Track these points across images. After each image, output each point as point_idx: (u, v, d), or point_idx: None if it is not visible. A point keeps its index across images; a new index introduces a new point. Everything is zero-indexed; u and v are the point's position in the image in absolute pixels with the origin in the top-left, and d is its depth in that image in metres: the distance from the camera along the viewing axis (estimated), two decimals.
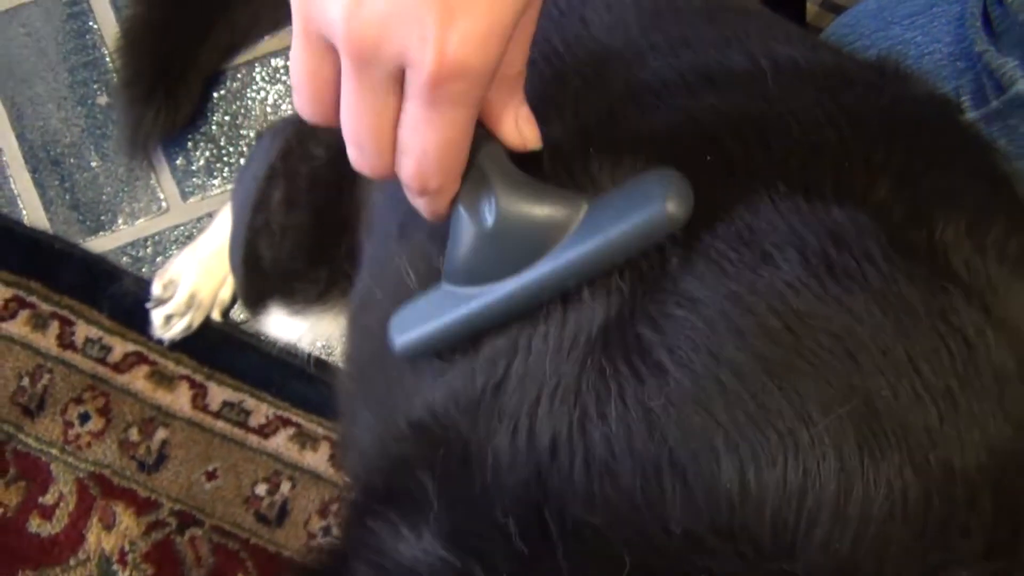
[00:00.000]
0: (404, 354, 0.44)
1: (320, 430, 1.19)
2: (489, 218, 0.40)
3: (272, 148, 0.83)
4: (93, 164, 1.21)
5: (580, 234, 0.39)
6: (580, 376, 0.38)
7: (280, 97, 1.22)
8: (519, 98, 0.40)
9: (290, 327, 0.89)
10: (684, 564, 0.34)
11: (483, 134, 0.41)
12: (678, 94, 0.46)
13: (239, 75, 1.22)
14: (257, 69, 1.22)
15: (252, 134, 1.22)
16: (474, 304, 0.41)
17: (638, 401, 0.35)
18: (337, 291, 0.83)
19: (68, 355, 1.18)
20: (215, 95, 1.22)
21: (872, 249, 0.37)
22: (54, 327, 1.18)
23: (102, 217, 1.21)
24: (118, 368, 1.19)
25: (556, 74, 0.51)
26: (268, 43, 1.22)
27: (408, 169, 0.38)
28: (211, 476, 1.18)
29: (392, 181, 0.41)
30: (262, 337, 1.19)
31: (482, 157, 0.40)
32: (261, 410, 1.20)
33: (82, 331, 1.19)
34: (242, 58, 1.22)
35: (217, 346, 1.20)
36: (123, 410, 1.18)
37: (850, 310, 0.35)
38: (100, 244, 1.21)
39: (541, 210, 0.40)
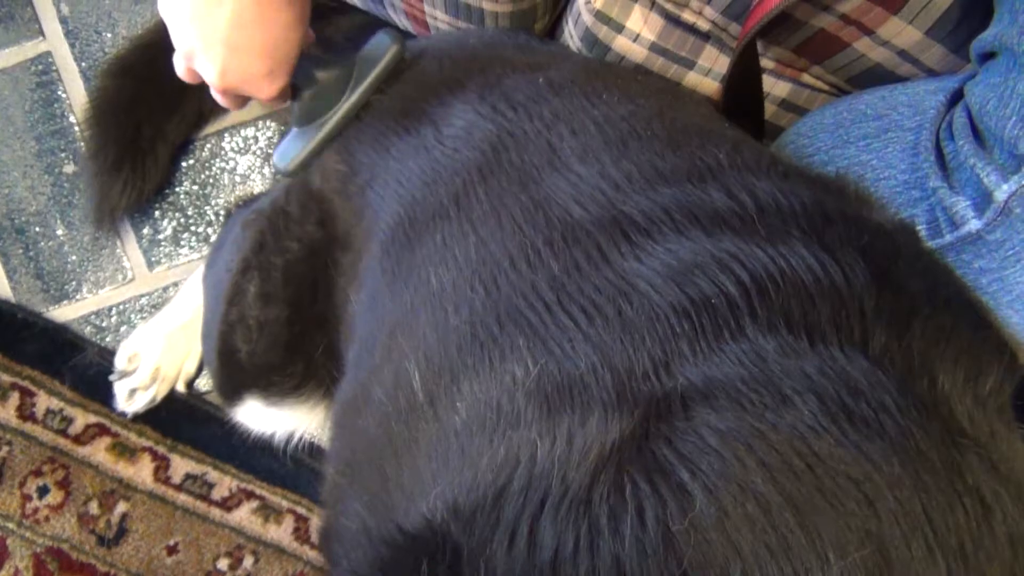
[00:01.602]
0: (290, 173, 0.76)
1: (284, 503, 1.18)
2: (313, 87, 0.73)
3: (245, 240, 0.84)
4: (58, 232, 1.20)
5: (360, 77, 0.74)
6: (592, 488, 0.38)
7: (250, 167, 1.22)
8: (302, 30, 0.71)
9: (266, 418, 0.90)
10: None
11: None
12: (668, 234, 0.47)
13: (208, 145, 1.22)
14: (226, 139, 1.23)
15: (220, 203, 1.22)
16: (324, 127, 0.73)
17: (658, 521, 0.35)
18: (313, 383, 0.85)
19: (28, 427, 1.17)
20: (184, 164, 1.22)
21: (887, 400, 0.38)
22: (14, 398, 1.17)
23: (66, 286, 1.20)
24: (79, 440, 1.18)
25: (534, 203, 0.53)
26: (237, 114, 1.22)
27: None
28: (172, 550, 1.17)
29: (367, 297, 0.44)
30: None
31: (304, 61, 0.72)
32: (224, 483, 1.19)
33: (43, 402, 1.18)
34: (211, 128, 1.22)
35: (181, 417, 1.19)
36: (83, 483, 1.17)
37: (870, 458, 0.36)
38: (63, 313, 1.21)
39: (334, 75, 0.74)
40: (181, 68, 0.73)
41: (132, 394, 1.15)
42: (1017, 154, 0.46)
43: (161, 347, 1.15)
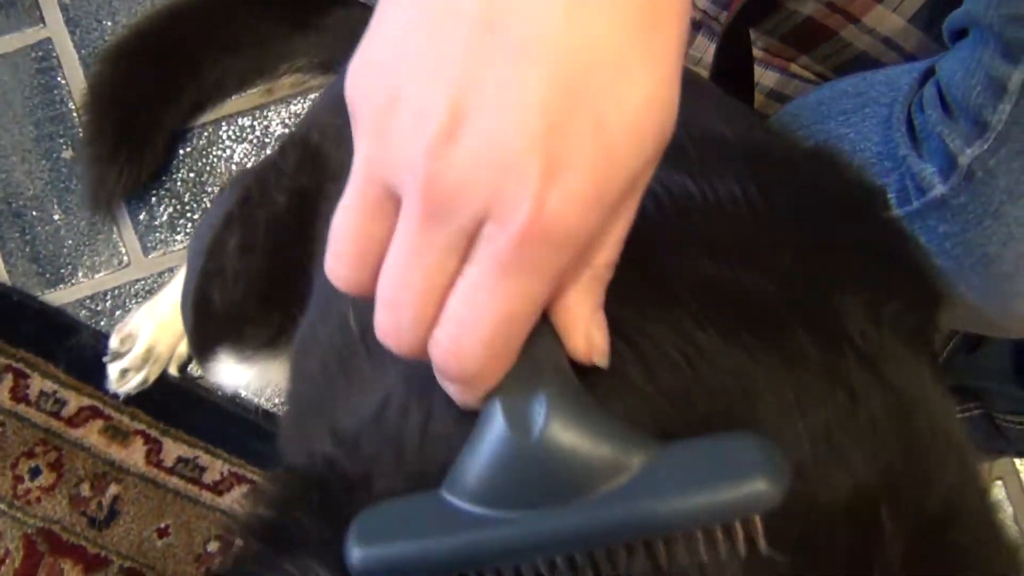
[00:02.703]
0: (362, 572, 0.34)
1: None
2: (535, 431, 0.32)
3: (231, 195, 0.84)
4: (55, 217, 1.23)
5: (643, 484, 0.32)
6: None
7: (245, 156, 1.25)
8: (598, 298, 0.35)
9: (238, 374, 0.88)
10: None
11: (541, 326, 0.34)
12: None
13: (206, 133, 1.25)
14: (224, 127, 1.25)
15: (216, 191, 1.25)
16: (480, 533, 0.33)
17: None
18: (287, 336, 0.82)
19: (21, 408, 1.19)
20: (181, 152, 1.25)
21: (772, 307, 0.40)
22: (8, 380, 1.20)
23: (62, 270, 1.23)
24: (72, 422, 1.20)
25: None
26: (235, 102, 1.25)
27: (445, 345, 0.32)
28: (163, 533, 1.19)
29: None
30: (218, 393, 1.20)
31: (538, 351, 0.34)
32: (216, 466, 1.21)
33: (37, 384, 1.20)
34: (209, 116, 1.25)
35: (173, 401, 1.22)
36: (75, 465, 1.19)
37: (750, 354, 0.38)
38: (59, 297, 1.23)
39: (601, 442, 0.33)
40: (363, 168, 0.34)
41: (124, 375, 1.17)
42: (980, 121, 0.49)
43: (154, 328, 1.17)
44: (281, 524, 0.40)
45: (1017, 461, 1.26)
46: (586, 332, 0.34)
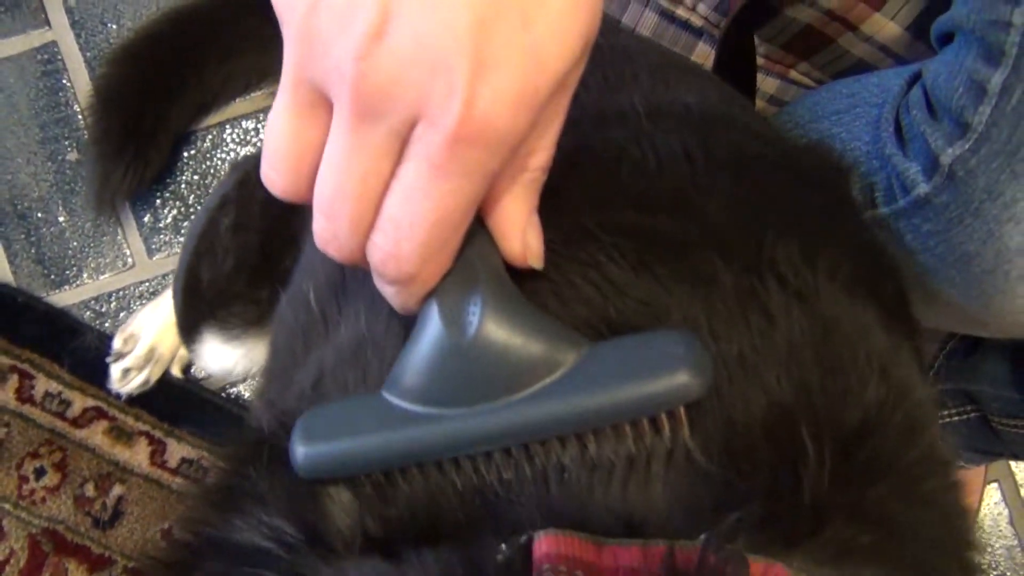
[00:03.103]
0: (306, 469, 0.36)
1: None
2: (469, 330, 0.34)
3: (229, 179, 0.85)
4: (60, 219, 1.25)
5: (572, 381, 0.34)
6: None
7: None
8: (533, 202, 0.36)
9: (224, 355, 0.87)
10: None
11: (476, 229, 0.35)
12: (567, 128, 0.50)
13: (210, 135, 1.27)
14: (228, 130, 1.27)
15: None
16: (417, 429, 0.35)
17: None
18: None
19: (26, 409, 1.21)
20: (185, 154, 1.26)
21: (691, 244, 0.40)
22: (13, 380, 1.21)
23: (67, 271, 1.24)
24: (77, 423, 1.21)
25: None
26: (239, 105, 1.27)
27: (383, 248, 0.33)
28: (166, 534, 1.20)
29: None
30: (221, 394, 1.22)
31: (473, 254, 0.35)
32: None
33: (42, 385, 1.21)
34: (213, 119, 1.27)
35: (177, 402, 1.23)
36: (80, 465, 1.21)
37: (662, 283, 0.39)
38: (63, 298, 1.25)
39: (534, 340, 0.34)
40: (292, 71, 0.34)
41: (126, 374, 1.18)
42: (962, 122, 0.50)
43: (157, 329, 1.18)
44: (232, 483, 0.41)
45: (1013, 464, 1.27)
46: (522, 235, 0.35)
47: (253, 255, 0.79)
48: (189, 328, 0.86)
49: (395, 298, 0.35)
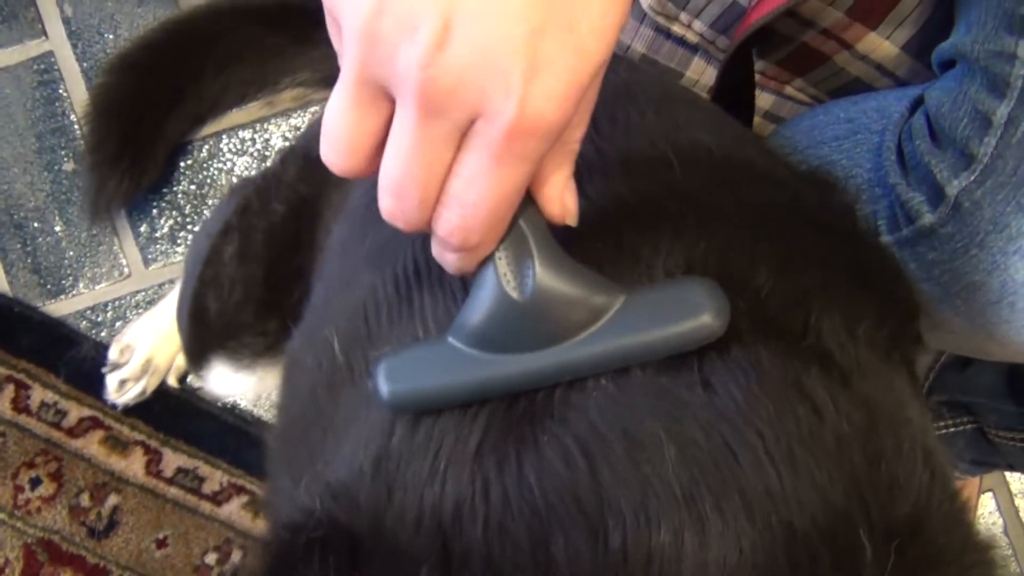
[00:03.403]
0: (392, 405, 0.42)
1: None
2: (525, 288, 0.39)
3: (230, 205, 0.85)
4: (56, 229, 1.25)
5: (613, 326, 0.40)
6: (481, 444, 0.40)
7: (246, 169, 1.27)
8: (569, 168, 0.40)
9: (233, 382, 0.88)
10: None
11: (525, 199, 0.40)
12: (594, 177, 0.50)
13: (207, 145, 1.27)
14: (224, 140, 1.27)
15: (216, 203, 1.26)
16: (484, 371, 0.41)
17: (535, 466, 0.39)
18: (285, 344, 0.81)
19: (22, 419, 1.21)
20: (182, 164, 1.27)
21: (741, 325, 0.41)
22: (9, 390, 1.21)
23: (63, 281, 1.24)
24: (72, 433, 1.21)
25: None
26: (236, 115, 1.27)
27: (451, 223, 0.37)
28: (161, 544, 1.20)
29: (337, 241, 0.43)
30: (217, 404, 1.22)
31: (524, 221, 0.40)
32: (215, 477, 1.22)
33: (38, 395, 1.21)
34: (210, 129, 1.27)
35: (173, 412, 1.23)
36: (75, 475, 1.21)
37: (705, 380, 0.40)
38: (60, 308, 1.25)
39: (580, 291, 0.39)
40: (354, 66, 0.37)
41: (122, 385, 1.18)
42: (967, 153, 0.51)
43: (153, 340, 1.19)
44: None
45: (1008, 474, 1.28)
46: (562, 199, 0.40)
47: (258, 287, 0.79)
48: (197, 355, 0.86)
49: (456, 263, 0.39)
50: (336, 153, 0.38)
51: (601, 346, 0.40)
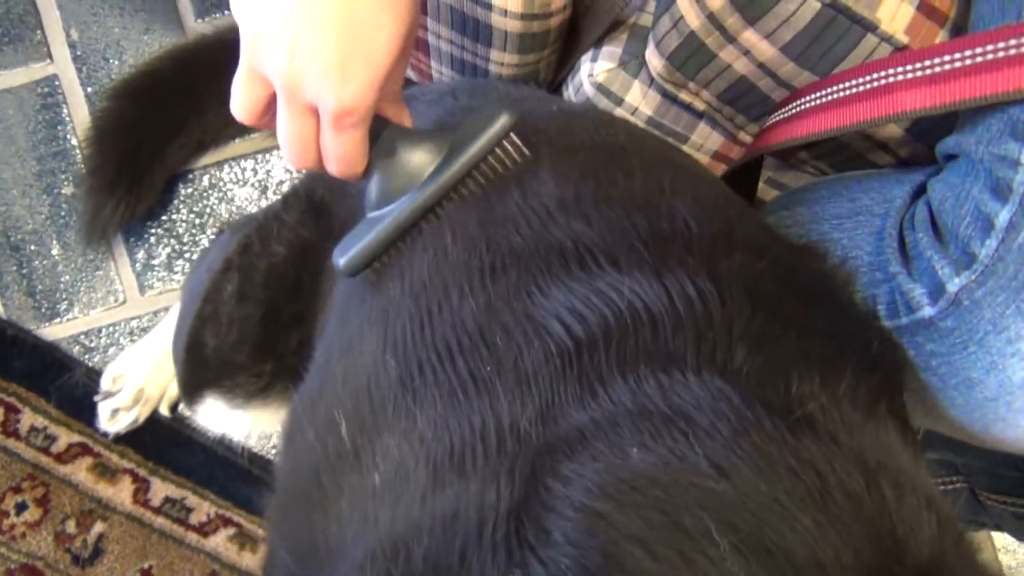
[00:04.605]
0: (349, 271, 0.61)
1: (261, 531, 1.22)
2: (393, 165, 0.61)
3: (231, 242, 0.86)
4: (54, 252, 1.25)
5: (450, 158, 0.61)
6: (466, 559, 0.42)
7: (247, 199, 1.28)
8: (399, 103, 0.63)
9: (227, 420, 0.90)
10: None
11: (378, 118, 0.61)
12: (569, 270, 0.53)
13: (207, 175, 1.28)
14: (226, 170, 1.28)
15: (214, 233, 1.27)
16: (392, 216, 0.61)
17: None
18: (280, 386, 0.85)
19: (11, 443, 1.21)
20: (182, 192, 1.27)
21: (726, 410, 0.43)
22: None
23: (58, 305, 1.25)
24: (61, 458, 1.22)
25: (488, 221, 0.58)
26: (238, 145, 1.28)
27: (335, 166, 0.59)
28: (146, 574, 1.21)
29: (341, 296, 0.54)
30: (208, 435, 1.22)
31: (386, 129, 0.61)
32: (203, 508, 1.23)
33: (28, 419, 1.22)
34: (212, 158, 1.28)
35: (164, 441, 1.24)
36: (62, 501, 1.21)
37: (716, 466, 0.41)
38: (53, 332, 1.25)
39: (421, 151, 0.61)
40: (246, 60, 0.58)
41: (115, 414, 1.19)
42: (969, 251, 0.52)
43: (147, 369, 1.19)
44: None
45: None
46: (398, 115, 0.63)
47: (256, 328, 0.81)
48: (191, 390, 0.86)
49: (352, 179, 0.61)
50: (236, 110, 0.58)
51: (448, 168, 0.60)
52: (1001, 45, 0.50)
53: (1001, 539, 1.34)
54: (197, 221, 1.28)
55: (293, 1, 0.53)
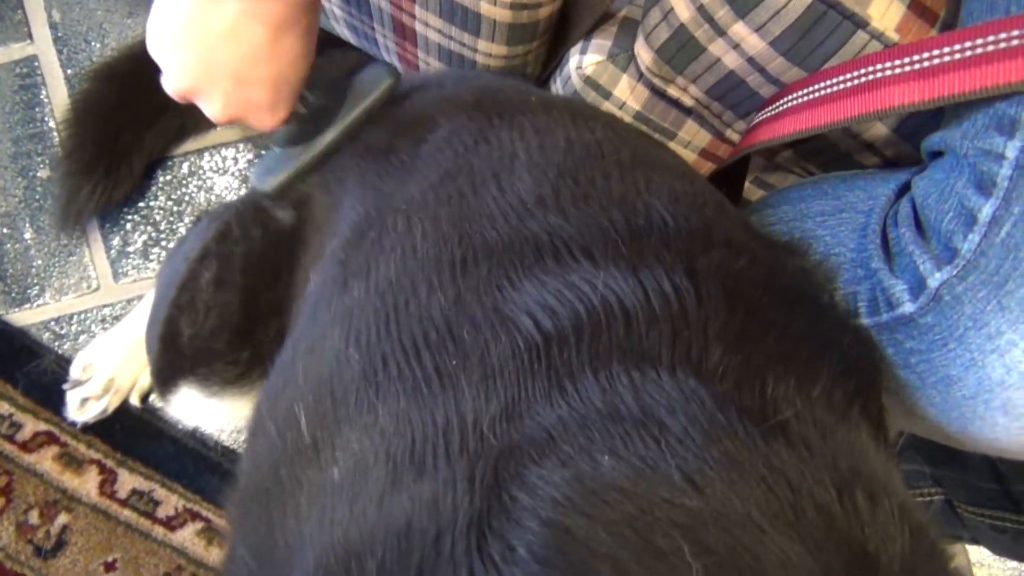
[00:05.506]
0: (267, 193, 0.78)
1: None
2: (302, 114, 0.75)
3: (209, 230, 0.85)
4: (26, 236, 1.24)
5: (350, 108, 0.76)
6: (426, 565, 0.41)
7: (226, 188, 1.27)
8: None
9: (202, 410, 0.89)
10: None
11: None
12: (543, 264, 0.52)
13: (187, 162, 1.27)
14: (206, 158, 1.27)
15: (192, 222, 1.26)
16: (305, 153, 0.76)
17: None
18: (257, 374, 0.84)
19: None
20: (161, 179, 1.27)
21: (698, 414, 0.42)
22: None
23: (28, 290, 1.24)
24: (26, 447, 1.20)
25: (460, 217, 0.58)
26: (219, 133, 1.28)
27: (253, 125, 0.72)
28: (110, 567, 1.19)
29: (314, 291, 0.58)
30: (178, 426, 1.21)
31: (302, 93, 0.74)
32: (171, 501, 1.22)
33: None
34: (193, 145, 1.27)
35: (133, 432, 1.23)
36: (26, 491, 1.20)
37: (688, 477, 0.40)
38: (23, 317, 1.24)
39: (325, 103, 0.76)
40: (174, 95, 0.72)
41: (84, 403, 1.18)
42: (951, 247, 0.52)
43: (117, 358, 1.18)
44: None
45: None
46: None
47: (234, 315, 0.80)
48: (165, 379, 0.86)
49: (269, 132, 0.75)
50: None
51: (349, 117, 0.76)
52: (991, 39, 0.50)
53: (976, 553, 1.34)
54: (175, 209, 1.27)
55: (224, 65, 0.65)
